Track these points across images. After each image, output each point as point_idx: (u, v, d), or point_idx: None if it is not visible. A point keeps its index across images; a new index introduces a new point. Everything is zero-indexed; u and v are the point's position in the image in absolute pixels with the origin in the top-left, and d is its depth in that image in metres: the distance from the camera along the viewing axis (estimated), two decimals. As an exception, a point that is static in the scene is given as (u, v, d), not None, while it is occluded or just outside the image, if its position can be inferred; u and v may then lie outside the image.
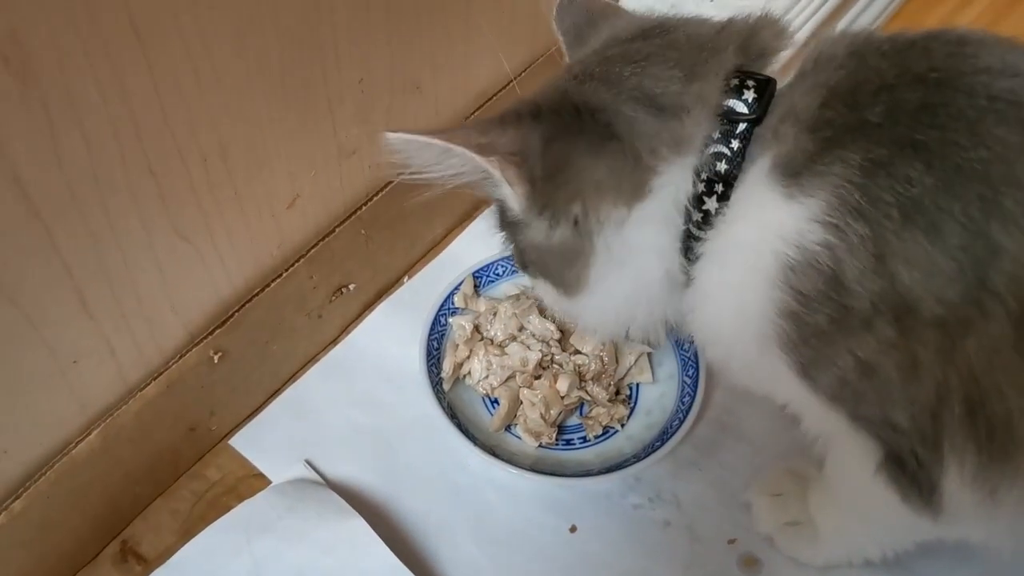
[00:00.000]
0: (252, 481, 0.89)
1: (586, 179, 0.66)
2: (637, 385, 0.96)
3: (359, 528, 0.82)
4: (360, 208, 0.93)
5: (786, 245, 0.58)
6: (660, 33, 0.68)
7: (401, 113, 0.92)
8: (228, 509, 0.84)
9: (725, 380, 0.93)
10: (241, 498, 0.85)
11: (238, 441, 0.92)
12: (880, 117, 0.57)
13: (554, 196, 0.66)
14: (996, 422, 0.57)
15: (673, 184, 0.65)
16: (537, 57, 1.09)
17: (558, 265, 0.71)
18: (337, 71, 0.81)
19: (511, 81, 1.05)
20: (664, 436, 0.88)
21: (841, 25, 1.24)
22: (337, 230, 0.92)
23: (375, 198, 0.94)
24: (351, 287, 0.98)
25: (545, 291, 0.77)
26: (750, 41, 0.66)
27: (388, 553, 0.81)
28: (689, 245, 0.66)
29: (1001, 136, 0.54)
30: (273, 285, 0.87)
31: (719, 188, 0.63)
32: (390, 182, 0.95)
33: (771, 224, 0.59)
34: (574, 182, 0.66)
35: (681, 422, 0.88)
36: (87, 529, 0.82)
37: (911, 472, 0.63)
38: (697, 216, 0.65)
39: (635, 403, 0.95)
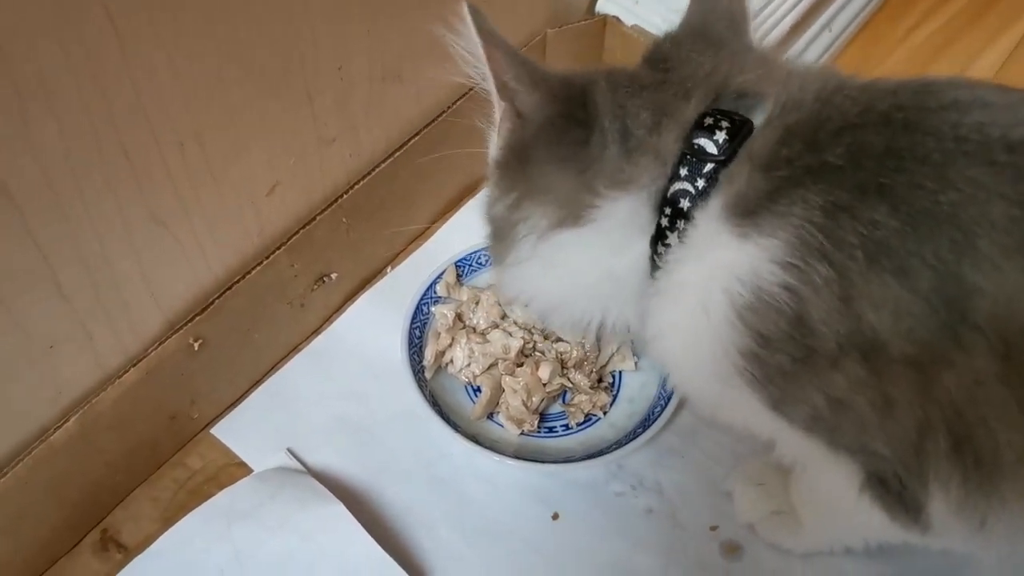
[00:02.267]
0: (233, 470, 0.89)
1: (535, 179, 0.67)
2: (619, 373, 0.96)
3: (340, 515, 0.82)
4: (341, 197, 0.93)
5: (741, 285, 0.57)
6: (663, 69, 0.67)
7: (381, 102, 0.92)
8: (209, 498, 0.84)
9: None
10: (222, 487, 0.85)
11: (220, 430, 0.91)
12: (842, 159, 0.56)
13: (509, 173, 0.69)
14: (983, 454, 0.56)
15: (622, 215, 0.65)
16: (519, 48, 1.09)
17: (489, 231, 0.74)
18: (315, 58, 0.81)
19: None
20: (646, 423, 0.88)
21: (814, 28, 1.24)
22: (318, 218, 0.92)
23: (356, 187, 0.94)
24: (333, 276, 0.98)
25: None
26: (728, 83, 0.65)
27: (369, 540, 0.81)
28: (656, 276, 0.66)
29: (973, 177, 0.53)
30: (253, 273, 0.87)
31: (680, 224, 0.63)
32: (371, 171, 0.95)
33: (723, 264, 0.59)
34: (524, 174, 0.68)
35: (663, 408, 0.88)
36: (66, 517, 0.82)
37: (896, 492, 0.62)
38: (661, 249, 0.65)
39: (617, 391, 0.95)
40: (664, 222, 0.64)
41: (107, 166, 0.68)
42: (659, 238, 0.64)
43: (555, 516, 0.87)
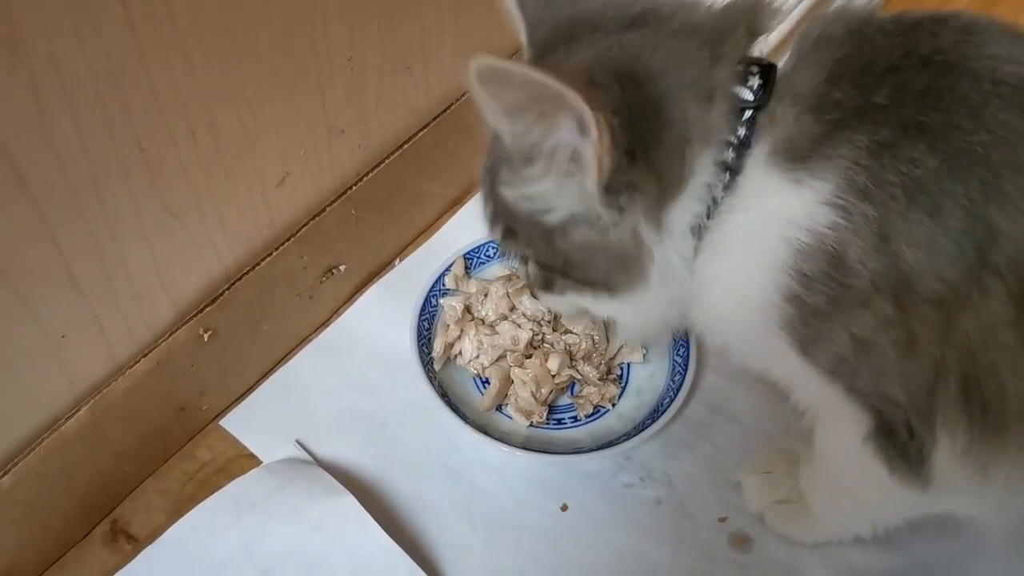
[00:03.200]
0: (243, 461, 0.89)
1: (655, 169, 0.60)
2: (628, 364, 0.96)
3: (350, 506, 0.82)
4: (350, 188, 0.93)
5: (798, 230, 0.57)
6: (662, 19, 0.64)
7: (391, 94, 0.92)
8: (219, 489, 0.84)
9: (716, 362, 0.94)
10: (232, 478, 0.85)
11: (229, 422, 0.92)
12: (887, 99, 0.57)
13: (630, 181, 0.60)
14: (990, 401, 0.57)
15: (700, 175, 0.61)
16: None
17: (609, 266, 0.65)
18: (326, 50, 0.81)
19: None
20: (655, 414, 0.88)
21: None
22: (327, 210, 0.92)
23: (365, 178, 0.94)
24: (342, 268, 0.98)
25: (574, 303, 0.73)
26: (750, 23, 0.63)
27: (379, 530, 0.81)
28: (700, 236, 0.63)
29: (1004, 120, 0.54)
30: (263, 264, 0.87)
31: (726, 177, 0.61)
32: (379, 163, 0.95)
33: (779, 210, 0.58)
34: (646, 171, 0.60)
35: (671, 400, 0.88)
36: (77, 508, 0.82)
37: (901, 443, 0.63)
38: (712, 207, 0.62)
39: (626, 382, 0.95)
40: (716, 178, 0.61)
41: (121, 157, 0.68)
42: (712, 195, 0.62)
43: (564, 507, 0.87)
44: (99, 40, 0.61)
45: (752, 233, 0.61)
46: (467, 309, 0.95)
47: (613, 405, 0.93)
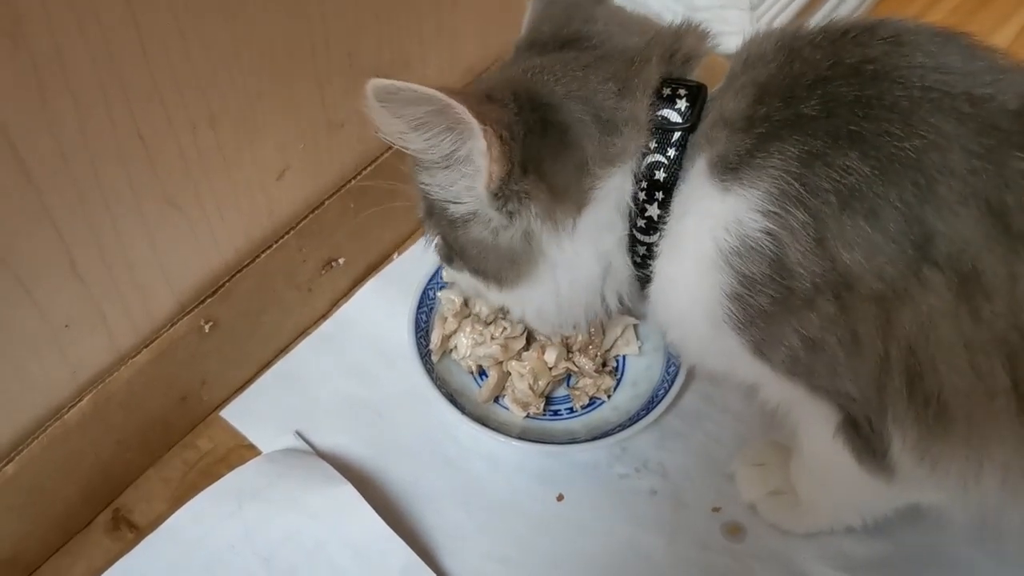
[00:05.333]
0: (243, 451, 0.90)
1: (547, 183, 0.65)
2: (624, 357, 0.97)
3: (348, 495, 0.83)
4: (349, 182, 0.94)
5: (727, 233, 0.60)
6: (589, 47, 0.69)
7: (390, 88, 0.93)
8: (219, 479, 0.85)
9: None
10: (232, 468, 0.86)
11: (229, 412, 0.93)
12: (816, 110, 0.58)
13: (521, 191, 0.65)
14: (932, 396, 0.59)
15: (613, 191, 0.66)
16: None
17: (499, 263, 0.71)
18: (326, 45, 0.82)
19: (499, 59, 1.06)
20: (649, 405, 0.89)
21: (816, 18, 1.25)
22: (326, 203, 0.93)
23: (364, 172, 0.95)
24: (341, 261, 0.99)
25: (472, 283, 0.78)
26: (676, 48, 0.67)
27: (377, 519, 0.82)
28: (635, 248, 0.68)
29: (935, 124, 0.56)
30: (263, 256, 0.88)
31: (659, 196, 0.65)
32: (379, 157, 0.96)
33: (711, 215, 0.61)
34: (537, 183, 0.65)
35: (666, 391, 0.89)
36: (79, 496, 0.83)
37: (865, 435, 0.65)
38: (641, 222, 0.66)
39: (621, 374, 0.96)
40: (642, 195, 0.65)
41: (121, 145, 0.69)
42: (640, 210, 0.66)
43: (560, 497, 0.88)
44: (100, 27, 0.62)
45: (691, 237, 0.64)
46: (465, 302, 0.96)
47: (609, 396, 0.94)
